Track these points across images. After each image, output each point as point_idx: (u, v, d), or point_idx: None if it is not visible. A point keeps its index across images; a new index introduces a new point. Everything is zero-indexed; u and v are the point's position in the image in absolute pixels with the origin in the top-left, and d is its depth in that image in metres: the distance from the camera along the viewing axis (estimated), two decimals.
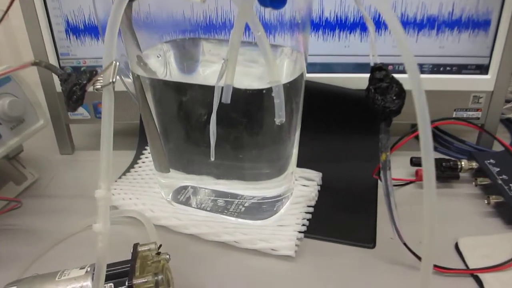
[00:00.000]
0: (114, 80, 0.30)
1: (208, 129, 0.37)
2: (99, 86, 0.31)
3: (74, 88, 0.33)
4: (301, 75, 0.40)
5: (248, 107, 0.39)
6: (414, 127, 0.61)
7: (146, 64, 0.41)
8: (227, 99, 0.35)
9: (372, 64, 0.38)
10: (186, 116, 0.43)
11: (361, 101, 0.52)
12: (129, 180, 0.53)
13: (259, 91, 0.37)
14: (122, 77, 0.45)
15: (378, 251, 0.43)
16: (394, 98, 0.38)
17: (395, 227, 0.41)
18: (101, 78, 0.31)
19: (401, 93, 0.38)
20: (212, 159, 0.40)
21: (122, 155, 0.60)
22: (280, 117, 0.36)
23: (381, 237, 0.45)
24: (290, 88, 0.38)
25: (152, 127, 0.44)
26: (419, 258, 0.40)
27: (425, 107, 0.25)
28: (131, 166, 0.56)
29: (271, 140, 0.41)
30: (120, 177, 0.54)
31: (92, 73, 0.32)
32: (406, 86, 0.36)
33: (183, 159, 0.46)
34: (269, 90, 0.35)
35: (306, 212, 0.46)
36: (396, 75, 0.37)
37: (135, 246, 0.36)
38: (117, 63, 0.30)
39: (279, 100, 0.35)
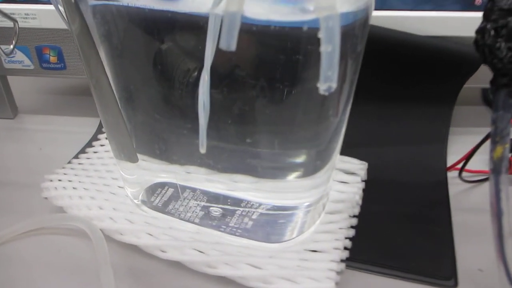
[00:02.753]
0: None
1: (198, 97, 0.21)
2: None
3: None
4: (368, 6, 0.22)
5: (269, 59, 0.22)
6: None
7: None
8: (229, 42, 0.18)
9: None
10: (162, 75, 0.26)
11: (434, 54, 0.35)
12: (84, 166, 0.36)
13: (293, 28, 0.20)
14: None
15: None
16: None
17: (505, 267, 0.25)
18: None
19: None
20: (203, 151, 0.23)
21: (86, 124, 0.43)
22: (328, 80, 0.19)
23: (464, 267, 0.29)
24: (351, 28, 0.21)
25: (105, 91, 0.27)
26: None
27: None
28: (89, 144, 0.40)
29: (307, 118, 0.24)
30: (69, 162, 0.37)
31: None
32: None
33: (158, 142, 0.29)
34: (312, 26, 0.18)
35: (349, 228, 0.30)
36: None
37: None
38: None
39: (331, 48, 0.18)
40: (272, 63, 0.23)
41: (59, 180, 0.34)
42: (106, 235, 0.30)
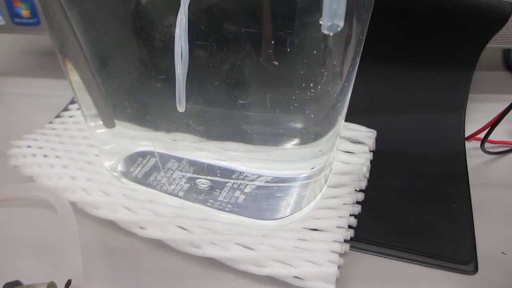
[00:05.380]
0: None
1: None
2: None
3: None
4: None
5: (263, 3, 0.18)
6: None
7: None
8: None
9: None
10: (141, 31, 0.22)
11: (454, 7, 0.31)
12: (57, 132, 0.32)
13: None
14: None
15: (483, 278, 0.24)
16: None
17: None
18: None
19: None
20: (181, 109, 0.19)
21: (65, 86, 0.39)
22: (333, 17, 0.15)
23: (484, 250, 0.25)
24: None
25: (75, 51, 0.23)
26: None
27: None
28: (65, 107, 0.35)
29: (308, 75, 0.20)
30: (42, 127, 0.33)
31: None
32: None
33: (137, 106, 0.25)
34: None
35: (354, 203, 0.26)
36: None
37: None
38: None
39: None
40: (267, 7, 0.19)
41: (28, 147, 0.30)
42: (79, 209, 0.27)
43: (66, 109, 0.35)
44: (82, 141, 0.31)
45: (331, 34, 0.15)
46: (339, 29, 0.15)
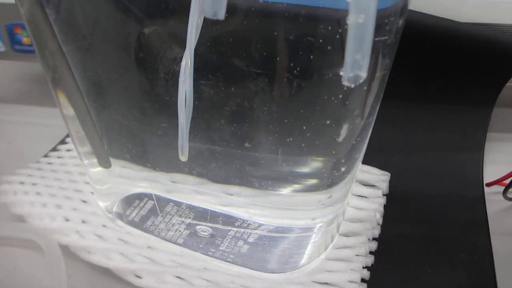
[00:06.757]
0: None
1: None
2: None
3: None
4: None
5: (273, 40, 0.17)
6: None
7: None
8: (216, 8, 0.12)
9: None
10: (143, 64, 0.20)
11: (475, 44, 0.29)
12: (53, 167, 0.30)
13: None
14: None
15: None
16: None
17: None
18: None
19: None
20: (183, 158, 0.18)
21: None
22: (356, 67, 0.13)
23: None
24: (389, 13, 0.15)
25: (68, 85, 0.21)
26: None
27: None
28: (63, 140, 0.34)
29: (324, 118, 0.19)
30: (38, 161, 0.31)
31: None
32: None
33: (135, 145, 0.23)
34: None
35: (367, 254, 0.24)
36: None
37: None
38: None
39: (363, 18, 0.12)
40: (281, 46, 0.17)
41: (21, 183, 0.28)
42: (71, 253, 0.25)
43: (63, 142, 0.33)
44: (78, 178, 0.29)
45: (352, 86, 0.13)
46: (361, 81, 0.13)
